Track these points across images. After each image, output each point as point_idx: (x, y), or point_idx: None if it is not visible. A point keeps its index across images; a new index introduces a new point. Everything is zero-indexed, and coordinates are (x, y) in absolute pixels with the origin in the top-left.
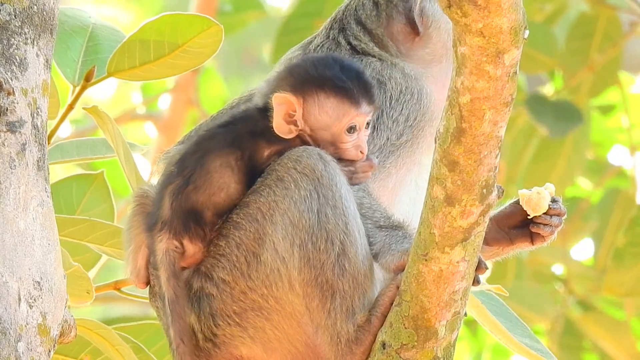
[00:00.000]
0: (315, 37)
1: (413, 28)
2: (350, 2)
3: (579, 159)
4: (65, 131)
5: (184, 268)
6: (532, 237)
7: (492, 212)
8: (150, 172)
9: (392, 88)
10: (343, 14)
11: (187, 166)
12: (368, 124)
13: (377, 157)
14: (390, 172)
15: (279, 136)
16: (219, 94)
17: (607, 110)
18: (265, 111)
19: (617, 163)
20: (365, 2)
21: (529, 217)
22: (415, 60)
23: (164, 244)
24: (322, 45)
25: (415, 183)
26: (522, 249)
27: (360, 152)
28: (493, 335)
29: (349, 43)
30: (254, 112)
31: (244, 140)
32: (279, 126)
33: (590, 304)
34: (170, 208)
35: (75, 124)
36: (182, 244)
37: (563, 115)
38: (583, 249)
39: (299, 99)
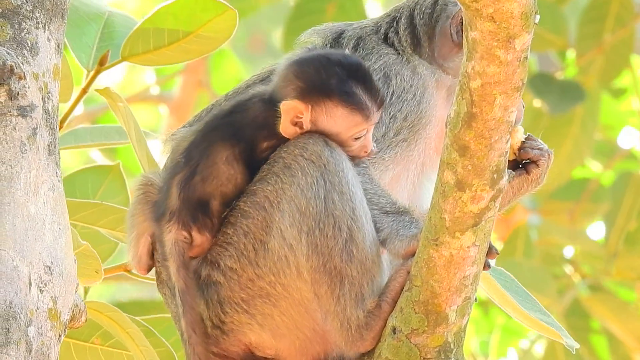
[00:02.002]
0: (368, 20)
1: (456, 37)
2: None
3: (587, 139)
4: (77, 110)
5: (191, 258)
6: (527, 169)
7: None
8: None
9: (396, 84)
10: (405, 4)
11: (194, 157)
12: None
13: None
14: (387, 167)
15: (278, 130)
16: (231, 76)
17: (618, 93)
18: (268, 103)
19: (627, 146)
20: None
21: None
22: (444, 68)
23: (172, 234)
24: (364, 27)
25: (411, 182)
26: (523, 187)
27: (364, 151)
28: (503, 309)
29: (386, 34)
30: (256, 102)
31: (244, 132)
32: (285, 129)
33: (599, 285)
34: (179, 198)
35: (87, 104)
36: (190, 234)
37: (567, 94)
38: (594, 231)
39: (307, 106)
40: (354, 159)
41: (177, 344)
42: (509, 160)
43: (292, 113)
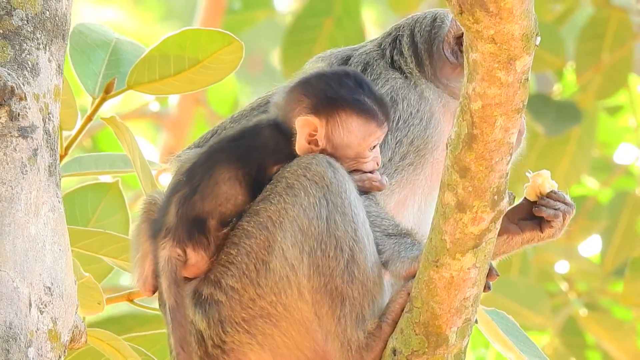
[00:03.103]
0: (370, 42)
1: (457, 53)
2: (417, 14)
3: (584, 157)
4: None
5: (189, 278)
6: (541, 225)
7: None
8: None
9: (402, 109)
10: (405, 23)
11: (196, 176)
12: None
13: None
14: (393, 191)
15: (288, 154)
16: (228, 93)
17: (614, 110)
18: (276, 126)
19: (623, 162)
20: (428, 16)
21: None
22: (447, 89)
23: (166, 251)
24: (370, 52)
25: (417, 207)
26: (533, 240)
27: (377, 163)
28: (504, 354)
29: (392, 57)
30: (266, 128)
31: (252, 156)
32: (301, 147)
33: (594, 303)
34: (176, 215)
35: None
36: (185, 252)
37: (564, 115)
38: (589, 248)
39: (322, 121)
40: (365, 185)
41: None
42: (529, 205)
43: (308, 130)
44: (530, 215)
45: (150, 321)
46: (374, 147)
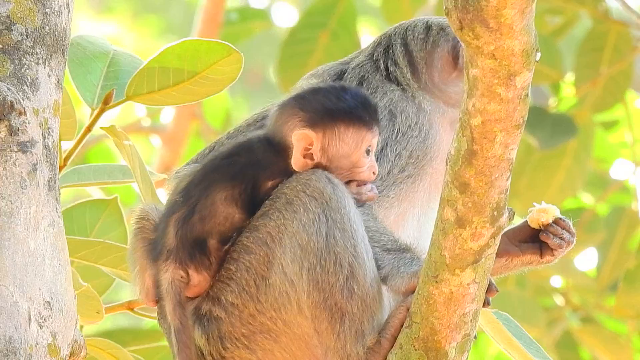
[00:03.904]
0: (360, 54)
1: (455, 60)
2: (405, 22)
3: (580, 171)
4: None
5: (191, 298)
6: (542, 250)
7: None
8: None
9: (401, 122)
10: (394, 32)
11: (192, 196)
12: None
13: (379, 187)
14: (392, 204)
15: (282, 169)
16: (222, 107)
17: (610, 125)
18: (268, 142)
19: (619, 178)
20: (419, 24)
21: (539, 232)
22: (443, 96)
23: (169, 274)
24: (363, 65)
25: (417, 219)
26: (531, 263)
27: (373, 172)
28: (508, 353)
29: (387, 68)
30: (258, 144)
31: (246, 173)
32: (297, 161)
33: (590, 317)
34: (175, 237)
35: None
36: (187, 273)
37: (559, 128)
38: (585, 262)
39: (318, 134)
40: (355, 188)
41: None
42: (531, 229)
43: (304, 143)
44: (531, 238)
45: (146, 335)
46: (369, 153)
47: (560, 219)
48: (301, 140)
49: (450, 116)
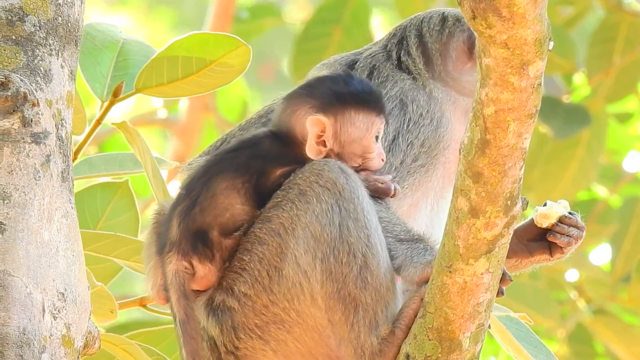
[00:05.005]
0: (374, 45)
1: (470, 51)
2: (421, 14)
3: (593, 162)
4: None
5: (200, 291)
6: (551, 249)
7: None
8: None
9: (412, 111)
10: (409, 23)
11: (194, 188)
12: None
13: (393, 177)
14: (405, 194)
15: (292, 159)
16: (237, 100)
17: (624, 118)
18: (276, 135)
19: (632, 170)
20: (434, 15)
21: (547, 230)
22: (456, 86)
23: (173, 265)
24: (375, 55)
25: (430, 208)
26: (541, 262)
27: (382, 159)
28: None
29: (399, 58)
30: (264, 137)
31: (252, 165)
32: (311, 148)
33: (603, 309)
34: (178, 229)
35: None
36: (191, 264)
37: (573, 118)
38: (598, 256)
39: (330, 119)
40: (371, 187)
41: None
42: (540, 228)
43: (317, 129)
44: (540, 236)
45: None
46: (377, 140)
47: (566, 216)
48: (314, 126)
49: (464, 105)
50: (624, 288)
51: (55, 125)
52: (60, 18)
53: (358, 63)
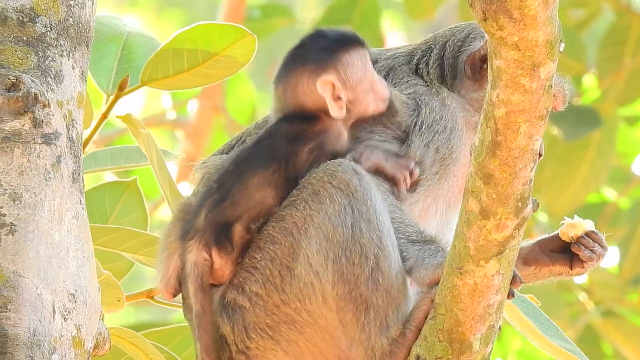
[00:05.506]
0: (404, 47)
1: (474, 73)
2: (457, 25)
3: (603, 164)
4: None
5: (213, 285)
6: (572, 262)
7: (540, 237)
8: (176, 178)
9: (425, 114)
10: (444, 33)
11: (227, 182)
12: None
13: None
14: (418, 199)
15: (311, 134)
16: (247, 101)
17: (634, 121)
18: (288, 117)
19: None
20: (465, 30)
21: (570, 244)
22: (469, 102)
23: (193, 254)
24: (397, 57)
25: (440, 215)
26: (559, 274)
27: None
28: (525, 336)
29: (417, 64)
30: (277, 124)
31: (277, 152)
32: (333, 108)
33: (612, 311)
34: (205, 219)
35: (102, 128)
36: (210, 255)
37: (583, 120)
38: (608, 259)
39: (333, 73)
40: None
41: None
42: (564, 242)
43: (329, 88)
44: (563, 250)
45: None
46: (374, 65)
47: (593, 232)
48: (325, 86)
49: (473, 120)
50: (633, 290)
51: (66, 126)
52: (71, 19)
53: (378, 63)
